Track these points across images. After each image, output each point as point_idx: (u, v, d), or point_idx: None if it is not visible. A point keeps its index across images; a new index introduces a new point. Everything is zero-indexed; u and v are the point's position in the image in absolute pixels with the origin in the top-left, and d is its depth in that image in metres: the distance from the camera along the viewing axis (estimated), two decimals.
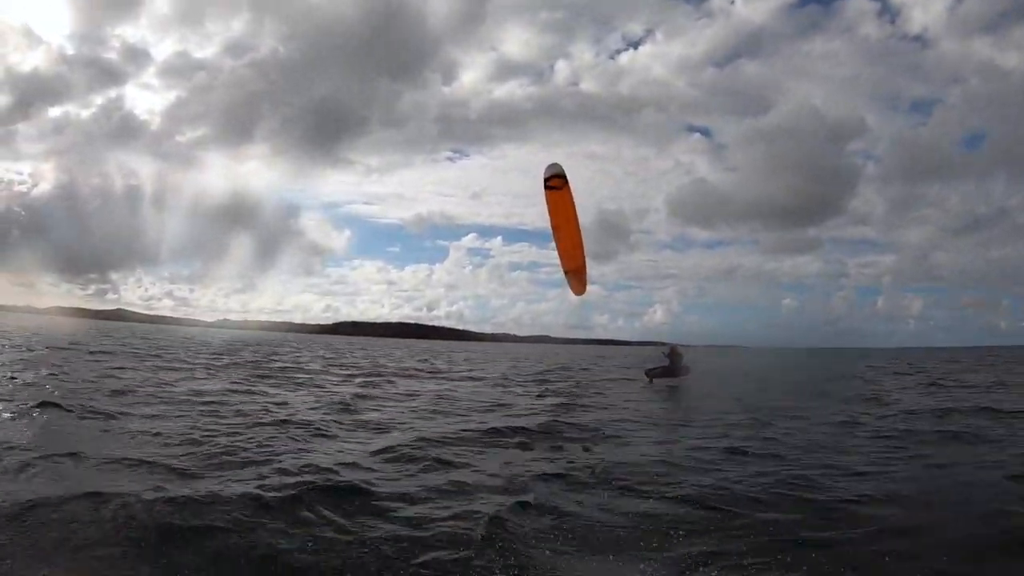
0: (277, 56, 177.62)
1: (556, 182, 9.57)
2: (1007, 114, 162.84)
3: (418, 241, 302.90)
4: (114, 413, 8.80)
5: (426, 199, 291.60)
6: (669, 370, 18.82)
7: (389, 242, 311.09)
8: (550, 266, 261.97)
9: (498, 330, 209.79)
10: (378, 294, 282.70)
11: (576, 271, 10.05)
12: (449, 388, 16.21)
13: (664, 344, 20.67)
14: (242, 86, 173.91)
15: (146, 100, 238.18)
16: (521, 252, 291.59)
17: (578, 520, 4.82)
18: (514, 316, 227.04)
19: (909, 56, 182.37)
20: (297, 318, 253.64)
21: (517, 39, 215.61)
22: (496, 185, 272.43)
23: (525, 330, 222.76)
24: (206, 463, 6.23)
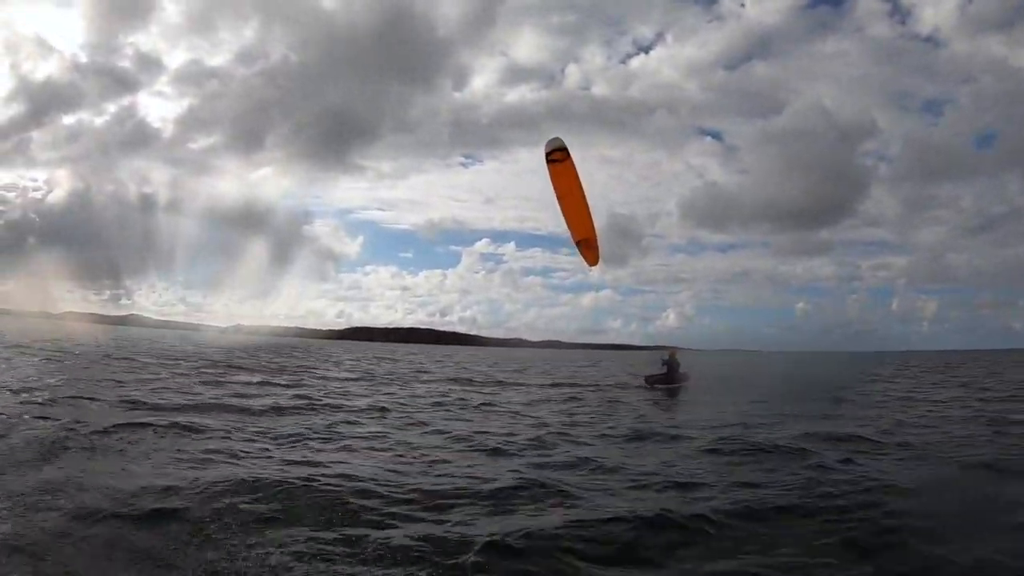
0: (288, 63, 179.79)
1: (558, 155, 9.47)
2: (1019, 112, 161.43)
3: (431, 246, 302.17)
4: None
5: (439, 204, 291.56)
6: (667, 376, 19.19)
7: (402, 247, 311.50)
8: (563, 271, 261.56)
9: (510, 335, 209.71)
10: (392, 299, 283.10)
11: (587, 241, 10.04)
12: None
13: (664, 349, 20.85)
14: (254, 93, 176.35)
15: (159, 108, 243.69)
16: (534, 257, 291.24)
17: None
18: (527, 321, 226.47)
19: (920, 56, 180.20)
20: (310, 323, 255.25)
21: (528, 43, 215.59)
22: (509, 190, 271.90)
23: (538, 335, 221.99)
24: None
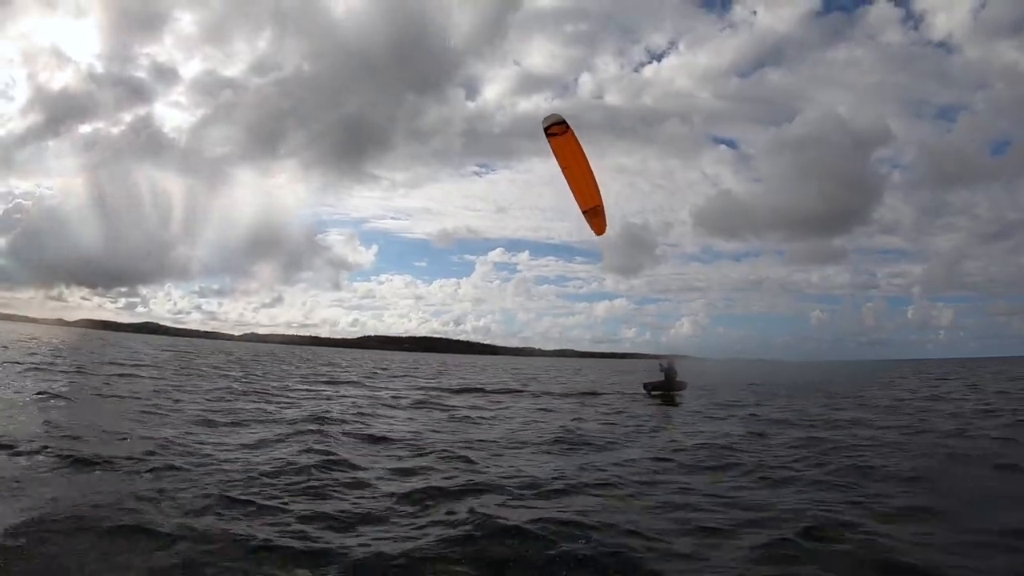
0: (302, 73, 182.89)
1: (556, 129, 9.29)
2: None
3: (445, 255, 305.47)
4: None
5: (453, 213, 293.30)
6: (665, 384, 19.93)
7: (416, 257, 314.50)
8: (577, 280, 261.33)
9: (524, 344, 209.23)
10: (405, 308, 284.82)
11: (594, 210, 10.45)
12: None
13: (663, 357, 21.53)
14: (268, 103, 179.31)
15: (175, 117, 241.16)
16: (548, 266, 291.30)
17: None
18: (541, 330, 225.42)
19: (933, 62, 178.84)
20: (324, 332, 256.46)
21: (541, 52, 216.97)
22: (523, 199, 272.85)
23: (551, 344, 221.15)
24: None
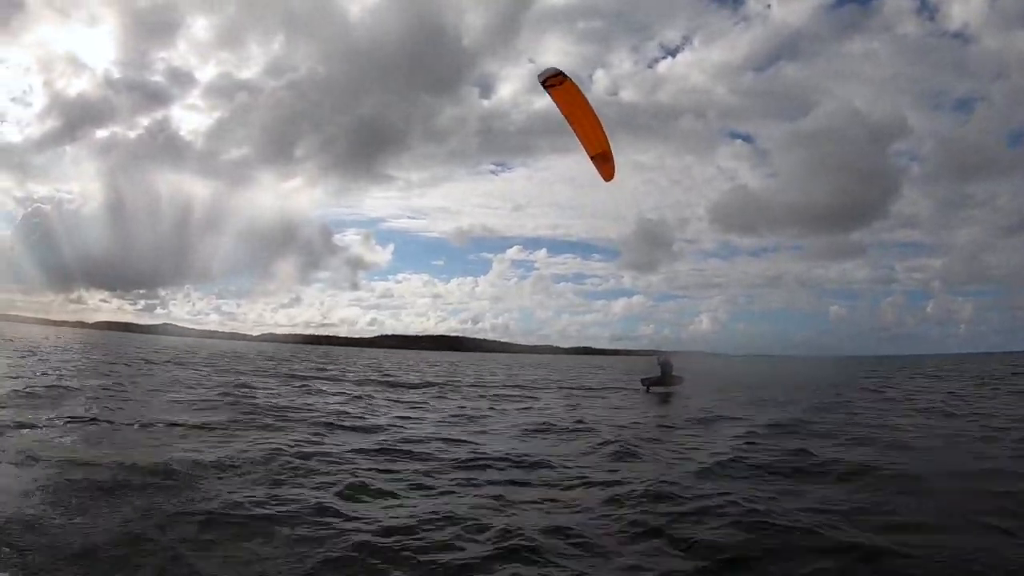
0: (317, 75, 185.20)
1: (554, 80, 9.30)
2: None
3: (462, 254, 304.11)
4: None
5: (470, 212, 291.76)
6: (662, 379, 20.10)
7: (434, 255, 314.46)
8: (596, 277, 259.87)
9: (542, 342, 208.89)
10: (423, 307, 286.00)
11: (602, 155, 10.12)
12: None
13: (660, 353, 21.69)
14: (284, 106, 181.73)
15: (191, 120, 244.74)
16: (566, 264, 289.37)
17: None
18: (559, 328, 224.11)
19: (950, 53, 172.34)
20: (343, 331, 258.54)
21: (555, 50, 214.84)
22: (539, 196, 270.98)
23: (570, 342, 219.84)
24: None
